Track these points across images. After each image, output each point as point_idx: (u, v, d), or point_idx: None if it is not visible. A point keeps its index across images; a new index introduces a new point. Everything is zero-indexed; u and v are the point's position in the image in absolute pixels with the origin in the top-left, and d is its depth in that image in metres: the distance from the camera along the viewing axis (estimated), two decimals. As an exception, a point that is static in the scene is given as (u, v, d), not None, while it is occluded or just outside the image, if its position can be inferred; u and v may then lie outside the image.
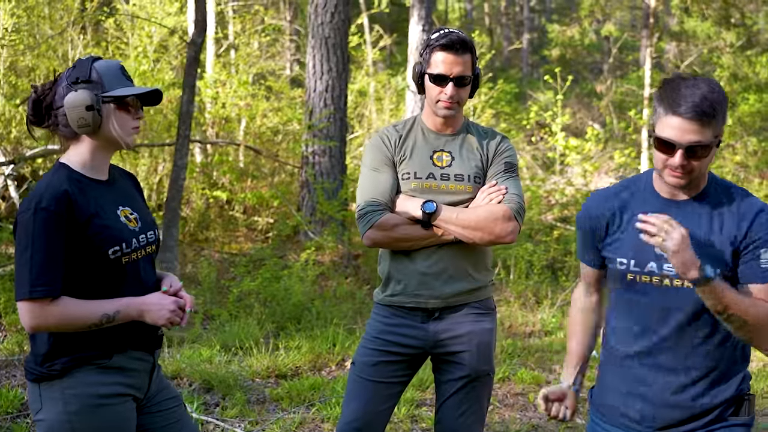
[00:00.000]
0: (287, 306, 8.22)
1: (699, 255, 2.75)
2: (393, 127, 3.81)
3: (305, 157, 11.65)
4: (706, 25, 18.67)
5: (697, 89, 2.74)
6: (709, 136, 2.74)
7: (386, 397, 3.76)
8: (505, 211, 3.62)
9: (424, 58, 3.67)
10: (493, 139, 3.81)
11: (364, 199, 3.67)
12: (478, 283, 3.75)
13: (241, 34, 15.46)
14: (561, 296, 9.19)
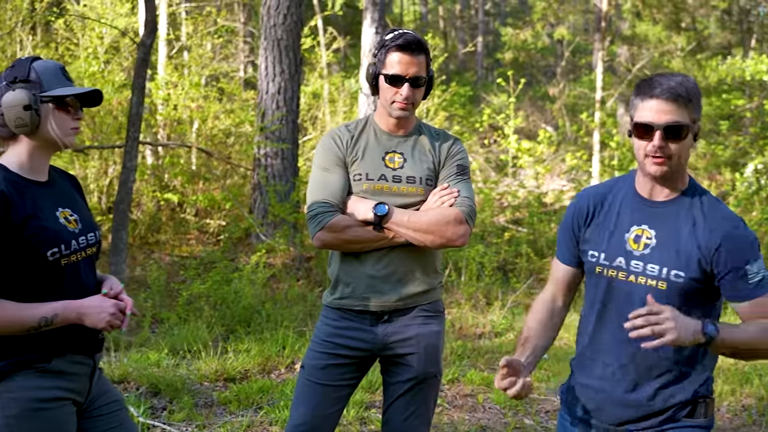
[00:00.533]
0: (237, 309, 8.18)
1: (670, 257, 2.87)
2: (345, 127, 3.76)
3: (257, 159, 11.61)
4: (657, 29, 18.90)
5: (673, 77, 2.84)
6: (686, 117, 2.80)
7: (335, 400, 3.74)
8: (456, 214, 3.61)
9: (378, 58, 3.63)
10: (446, 142, 3.79)
11: (315, 200, 3.62)
12: (428, 286, 3.73)
13: (193, 35, 15.36)
14: (512, 298, 9.23)
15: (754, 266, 2.83)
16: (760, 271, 2.84)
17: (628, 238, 2.98)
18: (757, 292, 2.85)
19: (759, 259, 2.85)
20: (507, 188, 13.75)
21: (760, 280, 2.84)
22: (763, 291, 2.85)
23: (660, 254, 2.91)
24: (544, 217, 12.02)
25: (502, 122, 14.57)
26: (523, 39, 23.33)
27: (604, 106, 18.12)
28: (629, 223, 3.00)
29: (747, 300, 2.86)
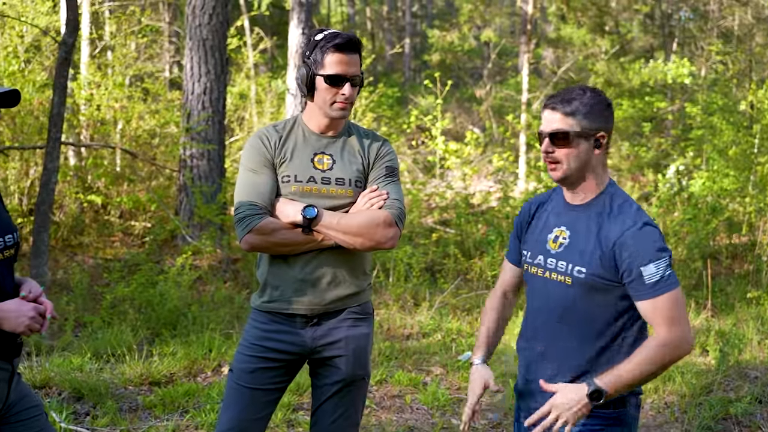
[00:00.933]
0: (162, 312, 8.06)
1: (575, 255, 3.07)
2: (273, 127, 3.70)
3: (183, 160, 11.47)
4: (582, 32, 19.16)
5: (572, 90, 3.10)
6: (572, 126, 3.04)
7: (264, 404, 3.69)
8: (386, 216, 3.59)
9: (314, 59, 3.57)
10: (375, 143, 3.77)
11: (243, 202, 3.56)
12: (357, 288, 3.71)
13: (116, 34, 15.13)
14: (439, 298, 9.24)
15: (651, 267, 2.93)
16: (659, 272, 2.93)
17: (549, 238, 3.21)
18: (653, 292, 2.94)
19: (660, 260, 2.94)
20: (435, 189, 13.80)
21: (657, 281, 2.93)
22: (659, 292, 2.94)
23: (569, 253, 3.11)
24: (471, 218, 12.07)
25: (430, 124, 14.60)
26: (450, 41, 23.45)
27: (530, 108, 18.30)
28: (553, 224, 3.23)
29: (644, 300, 2.97)
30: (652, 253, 2.94)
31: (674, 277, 2.96)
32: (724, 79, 17.94)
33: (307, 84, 3.60)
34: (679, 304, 2.96)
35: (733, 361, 6.94)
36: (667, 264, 2.95)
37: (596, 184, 3.13)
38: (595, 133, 3.06)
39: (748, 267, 10.87)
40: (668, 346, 2.93)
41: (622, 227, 2.99)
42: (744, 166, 12.05)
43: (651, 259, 2.92)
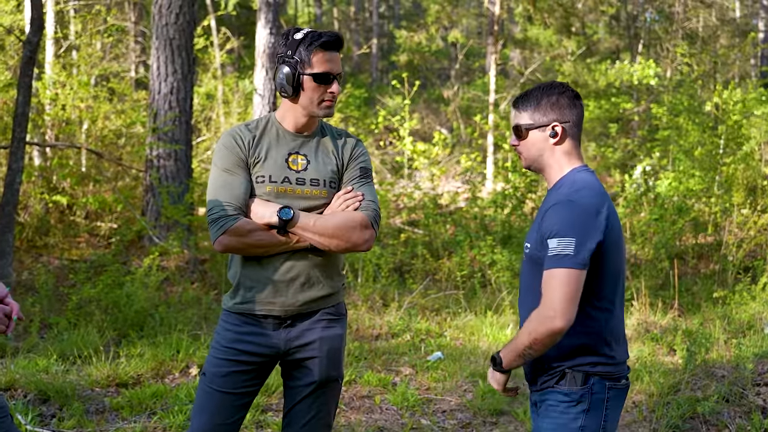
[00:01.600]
0: (129, 313, 7.99)
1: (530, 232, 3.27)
2: (245, 126, 3.65)
3: (150, 160, 11.40)
4: (549, 33, 19.23)
5: (533, 88, 3.35)
6: (523, 119, 3.31)
7: (238, 407, 3.65)
8: (362, 218, 3.57)
9: (299, 59, 3.51)
10: (348, 143, 3.74)
11: (217, 203, 3.51)
12: (331, 290, 3.68)
13: (82, 34, 15.00)
14: (408, 299, 9.24)
15: (555, 241, 3.03)
16: (558, 247, 3.02)
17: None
18: (548, 263, 3.05)
19: (564, 237, 3.02)
20: (403, 190, 13.78)
21: (554, 255, 3.02)
22: (551, 265, 3.03)
23: (530, 230, 3.31)
24: (439, 219, 12.09)
25: (398, 124, 14.58)
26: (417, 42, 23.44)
27: (497, 109, 18.35)
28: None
29: (545, 269, 3.07)
30: (561, 228, 3.03)
31: (572, 259, 3.00)
32: (689, 81, 18.08)
33: (293, 84, 3.55)
34: (563, 282, 2.99)
35: (700, 360, 6.98)
36: (570, 244, 3.00)
37: (559, 171, 3.29)
38: (548, 124, 3.25)
39: (713, 267, 10.96)
40: (539, 318, 3.03)
41: (549, 202, 3.16)
42: (709, 166, 12.15)
43: (557, 234, 3.03)
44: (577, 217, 3.05)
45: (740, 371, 6.51)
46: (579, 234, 3.01)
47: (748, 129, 12.89)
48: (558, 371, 3.19)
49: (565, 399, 3.16)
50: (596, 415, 3.17)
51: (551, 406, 3.20)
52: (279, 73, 3.59)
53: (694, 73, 18.99)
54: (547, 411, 3.22)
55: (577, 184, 3.18)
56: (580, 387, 3.15)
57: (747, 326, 8.24)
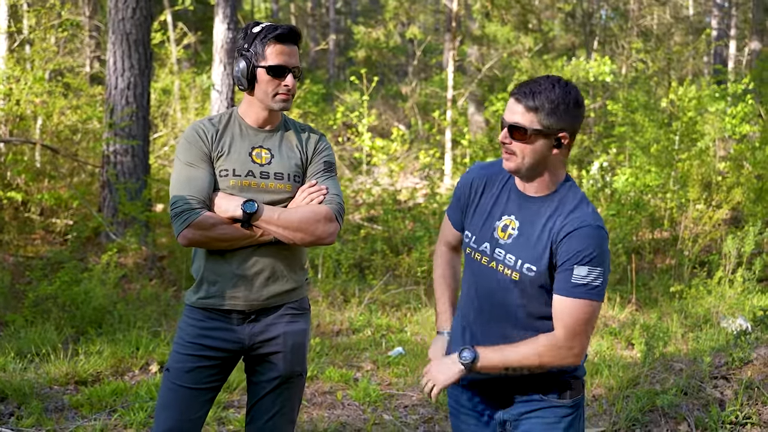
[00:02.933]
0: (87, 310, 7.90)
1: (526, 250, 2.99)
2: (208, 120, 3.63)
3: (106, 156, 11.28)
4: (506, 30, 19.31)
5: (542, 82, 2.94)
6: (532, 122, 2.92)
7: (202, 403, 3.63)
8: (326, 212, 3.58)
9: (254, 51, 3.51)
10: (312, 138, 3.74)
11: (180, 197, 3.48)
12: (295, 284, 3.68)
13: (36, 28, 14.79)
14: (368, 294, 9.24)
15: (585, 269, 2.86)
16: (588, 277, 2.87)
17: (497, 226, 3.11)
18: (572, 292, 2.89)
19: (596, 267, 2.88)
20: (361, 186, 13.79)
21: (582, 285, 2.87)
22: (578, 295, 2.89)
23: (518, 246, 3.02)
24: (398, 215, 12.10)
25: (356, 120, 14.59)
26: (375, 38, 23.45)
27: (455, 105, 18.40)
28: (502, 212, 3.12)
29: (561, 295, 2.92)
30: (593, 258, 2.87)
31: (600, 292, 2.90)
32: (644, 78, 18.25)
33: (247, 77, 3.54)
34: (589, 317, 2.91)
35: (658, 354, 7.05)
36: (600, 276, 2.88)
37: (550, 181, 3.05)
38: (557, 132, 2.94)
39: (670, 261, 11.08)
40: (558, 350, 2.92)
41: (573, 223, 2.92)
42: (665, 162, 12.28)
43: (588, 263, 2.87)
44: (605, 247, 2.92)
45: (698, 364, 6.58)
46: (606, 265, 2.91)
47: (702, 126, 13.04)
48: (561, 382, 3.10)
49: (569, 412, 3.10)
50: (583, 413, 3.17)
51: (550, 423, 3.09)
52: (236, 67, 3.61)
53: (649, 70, 19.19)
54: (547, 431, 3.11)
55: (585, 201, 3.02)
56: (581, 395, 3.12)
57: (703, 320, 8.34)
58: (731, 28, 24.81)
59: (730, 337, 7.25)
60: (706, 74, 23.86)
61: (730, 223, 12.39)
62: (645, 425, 5.84)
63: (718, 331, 7.77)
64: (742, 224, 11.60)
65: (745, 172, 12.08)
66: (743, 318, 7.90)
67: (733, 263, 9.46)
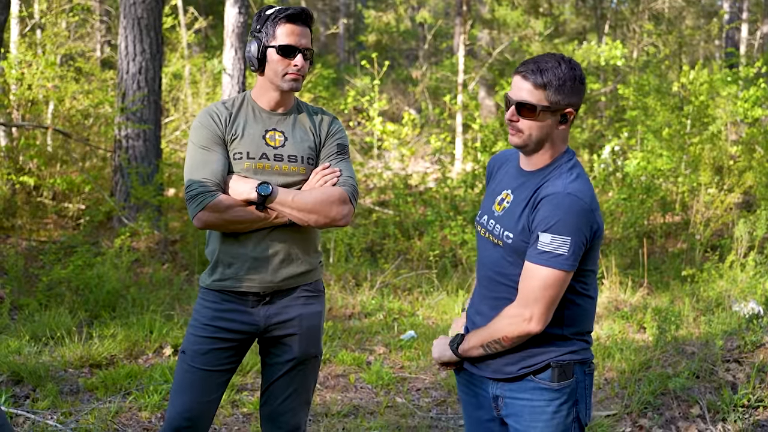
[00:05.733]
0: (101, 294, 7.95)
1: (509, 219, 3.04)
2: (222, 104, 3.65)
3: (118, 141, 11.31)
4: (517, 14, 19.24)
5: (548, 60, 2.96)
6: (539, 99, 2.94)
7: (218, 385, 3.66)
8: (341, 194, 3.59)
9: (265, 32, 3.54)
10: (325, 120, 3.75)
11: (195, 180, 3.50)
12: (309, 266, 3.70)
13: (47, 13, 14.81)
14: (380, 278, 9.26)
15: (549, 236, 2.85)
16: (552, 244, 2.84)
17: (496, 200, 3.17)
18: (535, 258, 2.88)
19: (562, 235, 2.84)
20: (373, 170, 13.79)
21: (544, 252, 2.86)
22: (540, 262, 2.87)
23: (506, 217, 3.07)
24: (409, 199, 12.11)
25: (367, 104, 14.57)
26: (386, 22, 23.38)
27: (466, 89, 18.36)
28: (503, 187, 3.18)
29: (527, 261, 2.91)
30: (558, 224, 2.85)
31: (563, 261, 2.85)
32: (655, 61, 18.18)
33: (258, 56, 3.56)
34: (546, 284, 2.86)
35: (670, 337, 7.06)
36: (565, 245, 2.84)
37: (550, 155, 3.06)
38: (564, 108, 2.98)
39: (681, 245, 11.07)
40: (513, 318, 2.92)
41: (547, 191, 2.93)
42: (677, 146, 12.24)
43: (552, 229, 2.85)
44: (576, 215, 2.86)
45: (710, 348, 6.60)
46: (575, 234, 2.85)
47: (713, 110, 12.99)
48: (541, 363, 3.04)
49: (556, 396, 3.05)
50: (583, 403, 3.11)
51: (537, 407, 3.06)
52: (248, 48, 3.63)
53: (660, 53, 19.11)
54: (533, 414, 3.07)
55: (572, 173, 3.00)
56: (570, 379, 3.05)
57: (715, 304, 8.34)
58: (743, 12, 24.65)
59: (742, 320, 7.25)
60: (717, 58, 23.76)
61: (742, 207, 12.35)
62: (657, 408, 5.85)
63: (730, 314, 7.77)
64: (754, 208, 11.57)
65: (757, 156, 12.03)
66: (755, 302, 7.90)
67: (744, 247, 9.44)
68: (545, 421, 3.05)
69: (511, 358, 3.07)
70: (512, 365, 3.07)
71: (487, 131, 13.05)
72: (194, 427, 3.65)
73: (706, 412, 5.69)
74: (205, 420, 3.68)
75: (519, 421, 3.10)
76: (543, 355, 3.04)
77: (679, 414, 5.75)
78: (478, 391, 3.27)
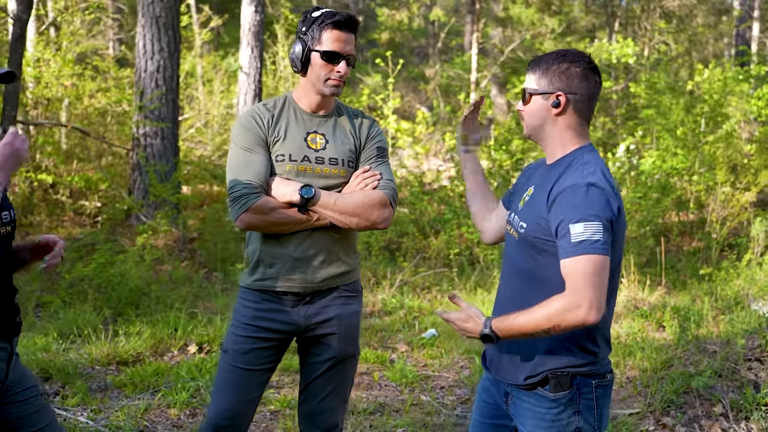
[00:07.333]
0: (124, 291, 8.00)
1: (526, 211, 3.08)
2: (263, 106, 3.69)
3: (136, 139, 11.37)
4: (531, 12, 19.25)
5: (549, 53, 3.13)
6: (530, 83, 3.10)
7: (258, 384, 3.71)
8: (381, 197, 3.63)
9: (311, 36, 3.58)
10: (365, 123, 3.80)
11: (238, 181, 3.54)
12: (348, 267, 3.74)
13: (64, 11, 14.87)
14: (399, 276, 9.31)
15: (580, 226, 2.82)
16: (586, 233, 2.81)
17: (522, 197, 3.20)
18: (573, 251, 2.83)
19: (591, 222, 2.82)
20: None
21: (582, 241, 2.81)
22: (579, 252, 2.82)
23: (525, 209, 3.11)
24: (425, 197, 12.14)
25: (381, 103, 14.59)
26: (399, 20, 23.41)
27: (478, 87, 18.39)
28: (530, 185, 3.22)
29: (565, 258, 2.86)
30: (586, 212, 2.83)
31: (600, 246, 2.81)
32: (666, 60, 18.18)
33: (302, 59, 3.61)
34: (594, 270, 2.81)
35: (691, 336, 7.10)
36: (598, 230, 2.81)
37: (560, 146, 3.08)
38: (552, 92, 3.02)
39: (697, 244, 11.09)
40: (563, 307, 2.82)
41: (564, 184, 2.92)
42: (692, 144, 12.26)
43: (581, 219, 2.82)
44: (600, 201, 2.86)
45: (731, 347, 6.63)
46: (604, 219, 2.83)
47: (726, 108, 13.00)
48: (540, 375, 3.04)
49: (554, 405, 3.03)
50: (589, 414, 3.06)
51: (538, 413, 3.06)
52: (292, 49, 3.68)
53: (672, 51, 19.11)
54: (535, 420, 3.08)
55: (590, 165, 2.98)
56: (567, 390, 3.02)
57: (734, 302, 8.37)
58: (754, 10, 24.63)
59: (762, 319, 7.28)
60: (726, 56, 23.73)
61: (758, 205, 12.38)
62: (680, 407, 5.89)
63: (749, 313, 7.80)
64: (770, 207, 11.60)
65: (772, 154, 12.06)
66: (774, 301, 7.94)
67: (761, 246, 9.47)
68: (545, 429, 3.06)
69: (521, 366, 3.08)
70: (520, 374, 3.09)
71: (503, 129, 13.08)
72: (235, 426, 3.70)
73: (729, 410, 5.72)
74: (246, 419, 3.74)
75: (524, 423, 3.12)
76: (542, 366, 3.03)
77: (702, 412, 5.78)
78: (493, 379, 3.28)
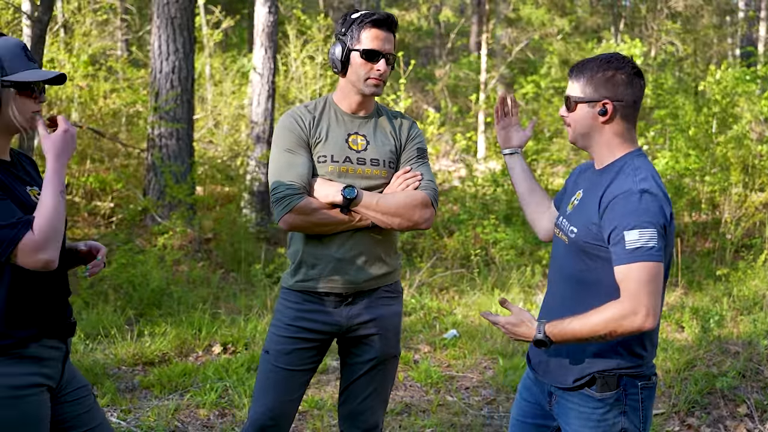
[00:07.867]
0: (145, 292, 8.02)
1: (577, 215, 3.11)
2: (304, 107, 3.72)
3: (151, 139, 11.39)
4: (541, 12, 19.28)
5: (593, 58, 3.14)
6: (575, 91, 3.11)
7: (300, 384, 3.74)
8: (423, 197, 3.65)
9: (351, 35, 3.60)
10: (405, 124, 3.83)
11: (281, 182, 3.56)
12: (390, 268, 3.77)
13: (76, 12, 14.90)
14: (417, 277, 9.33)
15: (635, 233, 2.84)
16: (641, 240, 2.83)
17: (571, 200, 3.24)
18: (629, 258, 2.85)
19: (646, 229, 2.84)
20: (399, 169, 13.81)
21: (637, 248, 2.83)
22: (635, 259, 2.84)
23: (575, 213, 3.14)
24: (440, 198, 12.16)
25: (392, 103, 14.62)
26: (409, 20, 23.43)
27: (487, 88, 18.41)
28: (578, 188, 3.26)
29: (619, 264, 2.88)
30: (640, 220, 2.85)
31: (657, 251, 2.84)
32: (672, 60, 18.20)
33: (342, 59, 3.63)
34: (649, 277, 2.83)
35: (712, 337, 7.12)
36: (653, 237, 2.84)
37: (609, 152, 3.11)
38: (599, 100, 3.03)
39: (711, 245, 11.11)
40: (620, 313, 2.84)
41: (618, 190, 2.94)
42: (705, 145, 12.27)
43: (636, 225, 2.84)
44: (654, 208, 2.88)
45: (754, 347, 6.66)
46: (658, 226, 2.86)
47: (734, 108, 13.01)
48: (587, 376, 3.07)
49: (600, 405, 3.06)
50: (635, 415, 3.07)
51: (584, 412, 3.09)
52: (331, 50, 3.70)
53: (680, 52, 19.12)
54: (581, 419, 3.11)
55: (641, 171, 2.99)
56: (614, 391, 3.04)
57: (752, 303, 8.39)
58: (761, 10, 24.64)
59: (782, 320, 7.32)
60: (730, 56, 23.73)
61: (771, 207, 12.39)
62: (704, 407, 5.92)
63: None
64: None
65: (785, 155, 12.07)
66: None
67: (776, 247, 9.50)
68: (591, 428, 3.08)
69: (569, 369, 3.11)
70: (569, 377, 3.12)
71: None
72: (278, 426, 3.73)
73: (753, 411, 5.75)
74: (288, 419, 3.77)
75: (569, 423, 3.15)
76: (590, 368, 3.06)
77: (726, 413, 5.81)
78: (536, 379, 3.31)
